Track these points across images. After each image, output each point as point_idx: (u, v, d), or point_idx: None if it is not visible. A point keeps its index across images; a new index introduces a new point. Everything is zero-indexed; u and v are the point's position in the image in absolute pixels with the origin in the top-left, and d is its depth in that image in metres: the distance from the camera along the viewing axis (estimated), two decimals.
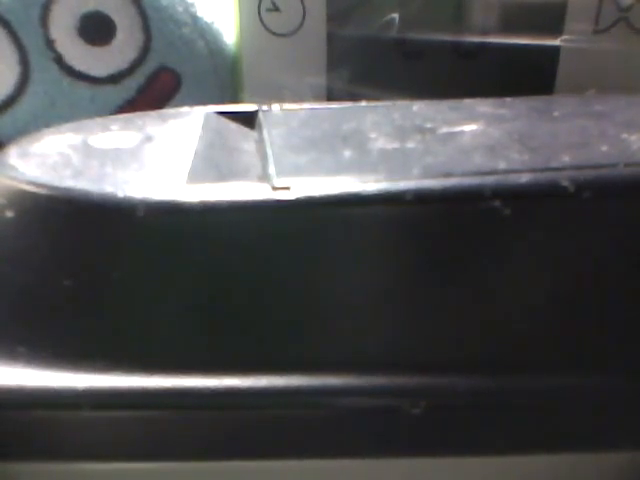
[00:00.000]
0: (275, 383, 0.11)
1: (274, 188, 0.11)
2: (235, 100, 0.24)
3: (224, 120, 0.15)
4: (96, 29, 0.21)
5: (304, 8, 0.23)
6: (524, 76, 0.24)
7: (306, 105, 0.16)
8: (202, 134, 0.14)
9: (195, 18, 0.23)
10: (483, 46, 0.24)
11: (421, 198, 0.11)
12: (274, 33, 0.24)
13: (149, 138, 0.13)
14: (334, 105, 0.16)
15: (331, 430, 0.11)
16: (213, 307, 0.11)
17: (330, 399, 0.11)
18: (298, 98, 0.24)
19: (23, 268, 0.11)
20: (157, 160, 0.12)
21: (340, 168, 0.11)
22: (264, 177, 0.12)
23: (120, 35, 0.21)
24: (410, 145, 0.12)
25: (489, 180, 0.11)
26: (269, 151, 0.13)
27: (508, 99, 0.16)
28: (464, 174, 0.11)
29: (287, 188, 0.11)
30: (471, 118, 0.14)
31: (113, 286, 0.11)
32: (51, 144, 0.13)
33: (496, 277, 0.11)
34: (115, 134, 0.13)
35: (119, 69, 0.21)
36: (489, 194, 0.11)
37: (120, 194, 0.11)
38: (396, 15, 0.24)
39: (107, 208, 0.11)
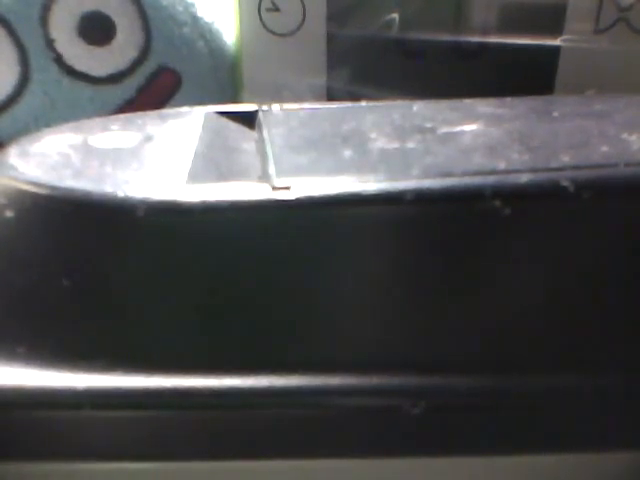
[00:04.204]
0: (275, 383, 0.11)
1: (274, 188, 0.11)
2: (235, 100, 0.24)
3: (224, 120, 0.15)
4: (96, 29, 0.21)
5: (304, 8, 0.23)
6: (524, 76, 0.24)
7: (306, 105, 0.16)
8: (202, 134, 0.14)
9: (195, 18, 0.23)
10: (483, 46, 0.24)
11: (421, 198, 0.11)
12: (274, 33, 0.24)
13: (149, 138, 0.13)
14: (334, 105, 0.16)
15: (331, 430, 0.11)
16: (213, 307, 0.11)
17: (330, 399, 0.11)
18: (298, 98, 0.24)
19: (23, 268, 0.11)
20: (157, 160, 0.12)
21: (340, 168, 0.11)
22: (264, 177, 0.12)
23: (120, 35, 0.21)
24: (410, 145, 0.12)
25: (489, 180, 0.11)
26: (269, 151, 0.13)
27: (508, 99, 0.16)
28: (464, 174, 0.11)
29: (287, 188, 0.11)
30: (471, 118, 0.14)
31: (113, 286, 0.11)
32: (51, 144, 0.13)
33: (496, 277, 0.11)
34: (115, 134, 0.13)
35: (119, 69, 0.21)
36: (489, 194, 0.11)
37: (120, 194, 0.11)
38: (396, 15, 0.24)
39: (107, 208, 0.11)
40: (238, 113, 0.15)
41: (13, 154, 0.12)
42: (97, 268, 0.11)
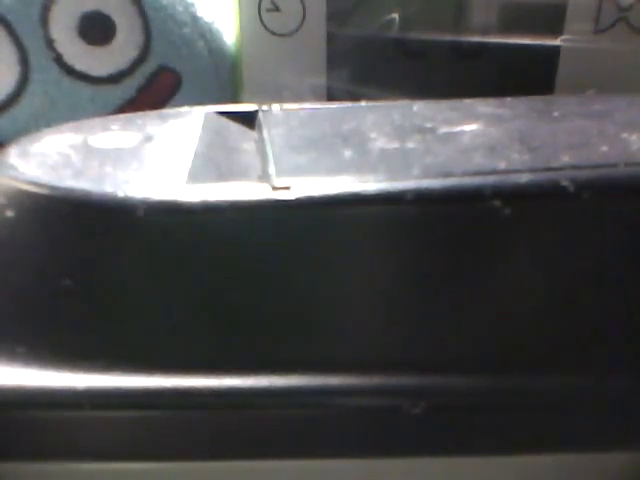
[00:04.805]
0: (275, 383, 0.11)
1: (274, 188, 0.11)
2: (235, 100, 0.24)
3: (224, 120, 0.15)
4: (96, 29, 0.21)
5: (304, 8, 0.23)
6: (524, 76, 0.24)
7: (306, 105, 0.16)
8: (202, 134, 0.14)
9: (195, 18, 0.23)
10: (483, 46, 0.24)
11: (421, 198, 0.11)
12: (274, 33, 0.24)
13: (149, 138, 0.13)
14: (334, 105, 0.16)
15: (331, 430, 0.11)
16: (213, 307, 0.11)
17: (330, 399, 0.11)
18: (298, 98, 0.24)
19: (23, 268, 0.11)
20: (157, 160, 0.12)
21: (340, 168, 0.11)
22: (264, 177, 0.12)
23: (120, 35, 0.21)
24: (410, 145, 0.12)
25: (489, 180, 0.11)
26: (269, 151, 0.13)
27: (508, 99, 0.16)
28: (464, 174, 0.11)
29: (287, 188, 0.11)
30: (471, 118, 0.14)
31: (113, 286, 0.11)
32: (51, 144, 0.13)
33: (496, 277, 0.11)
34: (115, 134, 0.13)
35: (119, 69, 0.21)
36: (489, 194, 0.11)
37: (120, 194, 0.11)
38: (396, 15, 0.24)
39: (107, 208, 0.11)
40: (238, 113, 0.15)
41: (13, 154, 0.12)
42: (97, 268, 0.11)
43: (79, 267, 0.11)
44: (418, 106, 0.15)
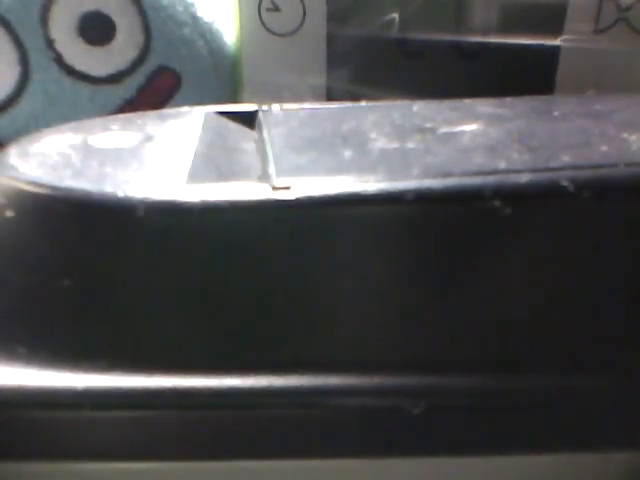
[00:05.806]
0: (275, 383, 0.11)
1: (274, 188, 0.11)
2: (235, 100, 0.24)
3: (224, 120, 0.15)
4: (96, 29, 0.21)
5: (304, 8, 0.23)
6: (524, 76, 0.24)
7: (306, 105, 0.16)
8: (202, 134, 0.14)
9: (195, 18, 0.23)
10: (483, 46, 0.24)
11: (421, 198, 0.11)
12: (274, 33, 0.24)
13: (149, 138, 0.13)
14: (334, 105, 0.16)
15: (331, 430, 0.11)
16: (213, 307, 0.11)
17: (330, 399, 0.11)
18: (298, 98, 0.24)
19: (23, 268, 0.11)
20: (157, 160, 0.12)
21: (340, 168, 0.11)
22: (264, 177, 0.12)
23: (120, 35, 0.21)
24: (410, 145, 0.12)
25: (489, 180, 0.11)
26: (269, 151, 0.13)
27: (508, 99, 0.16)
28: (464, 174, 0.11)
29: (287, 188, 0.11)
30: (471, 118, 0.14)
31: (113, 286, 0.11)
32: (51, 144, 0.13)
33: (496, 277, 0.11)
34: (115, 134, 0.13)
35: (119, 69, 0.21)
36: (489, 194, 0.11)
37: (120, 194, 0.11)
38: (396, 15, 0.24)
39: (107, 208, 0.11)
40: (238, 113, 0.15)
41: (13, 154, 0.12)
42: (97, 268, 0.11)
43: (79, 267, 0.11)
44: (418, 106, 0.15)
